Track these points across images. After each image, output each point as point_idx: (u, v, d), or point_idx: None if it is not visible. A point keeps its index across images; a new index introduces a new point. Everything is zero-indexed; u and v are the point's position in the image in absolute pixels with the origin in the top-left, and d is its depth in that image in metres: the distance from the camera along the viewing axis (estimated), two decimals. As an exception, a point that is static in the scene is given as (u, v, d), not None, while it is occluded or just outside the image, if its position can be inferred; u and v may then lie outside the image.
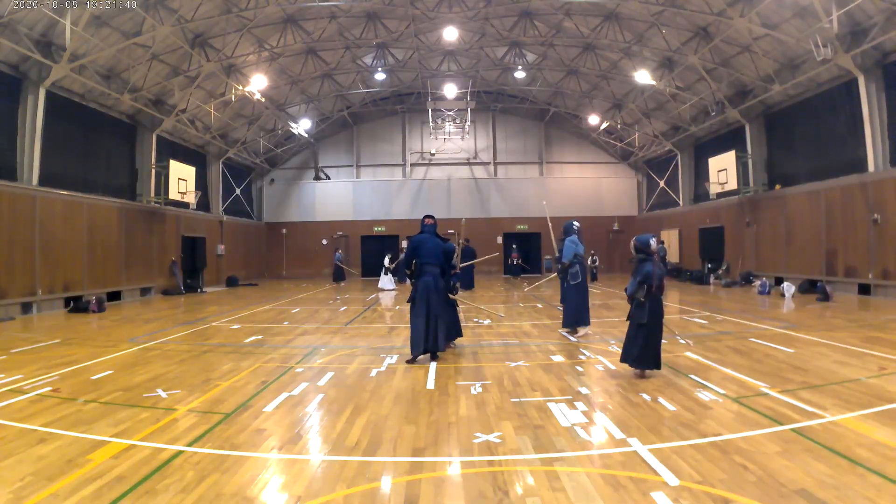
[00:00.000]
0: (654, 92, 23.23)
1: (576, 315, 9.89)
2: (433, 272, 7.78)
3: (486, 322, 11.85)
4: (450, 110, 28.47)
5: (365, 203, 30.80)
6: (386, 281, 21.65)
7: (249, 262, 29.04)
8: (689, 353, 7.79)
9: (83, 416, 5.30)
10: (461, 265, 18.83)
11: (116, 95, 17.50)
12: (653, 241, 6.52)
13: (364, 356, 8.05)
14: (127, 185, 19.57)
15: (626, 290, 6.60)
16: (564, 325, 10.14)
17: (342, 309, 15.18)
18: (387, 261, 22.11)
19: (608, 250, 30.73)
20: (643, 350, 6.38)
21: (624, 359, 6.58)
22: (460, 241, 17.01)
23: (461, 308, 12.84)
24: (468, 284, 20.54)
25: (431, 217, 8.22)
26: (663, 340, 6.69)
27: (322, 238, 30.74)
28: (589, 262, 22.28)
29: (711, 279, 21.97)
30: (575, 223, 10.21)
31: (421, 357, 7.76)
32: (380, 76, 25.76)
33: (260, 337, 10.33)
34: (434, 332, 7.65)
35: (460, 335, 8.87)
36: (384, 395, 6.07)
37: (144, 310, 15.55)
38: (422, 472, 3.96)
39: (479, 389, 6.18)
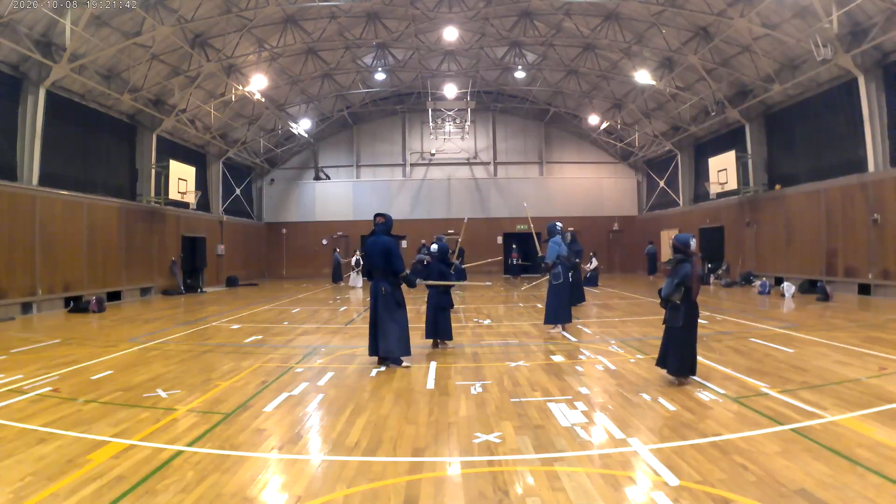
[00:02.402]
0: (654, 92, 23.24)
1: (555, 313, 10.09)
2: (377, 276, 7.61)
3: (487, 322, 11.85)
4: (450, 110, 28.47)
5: (365, 203, 30.75)
6: (356, 279, 23.26)
7: (249, 262, 29.03)
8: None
9: (83, 416, 5.29)
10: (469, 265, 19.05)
11: (116, 95, 17.50)
12: (693, 242, 6.18)
13: (364, 356, 8.04)
14: (127, 185, 19.57)
15: (659, 292, 6.29)
16: (546, 321, 10.32)
17: (342, 309, 15.18)
18: (354, 260, 23.58)
19: (608, 250, 30.76)
20: (683, 357, 6.09)
21: (660, 363, 6.29)
22: (458, 240, 17.49)
23: (459, 309, 12.87)
24: (460, 276, 21.08)
25: (382, 215, 7.73)
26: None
27: (322, 238, 30.75)
28: (590, 265, 22.01)
29: (711, 279, 21.96)
30: (558, 224, 10.42)
31: (406, 362, 7.57)
32: (380, 76, 25.76)
33: (260, 337, 10.33)
34: (373, 338, 7.51)
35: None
36: (384, 395, 6.07)
37: (144, 310, 15.55)
38: (422, 472, 3.96)
39: (479, 389, 6.18)
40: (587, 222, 29.87)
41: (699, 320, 6.42)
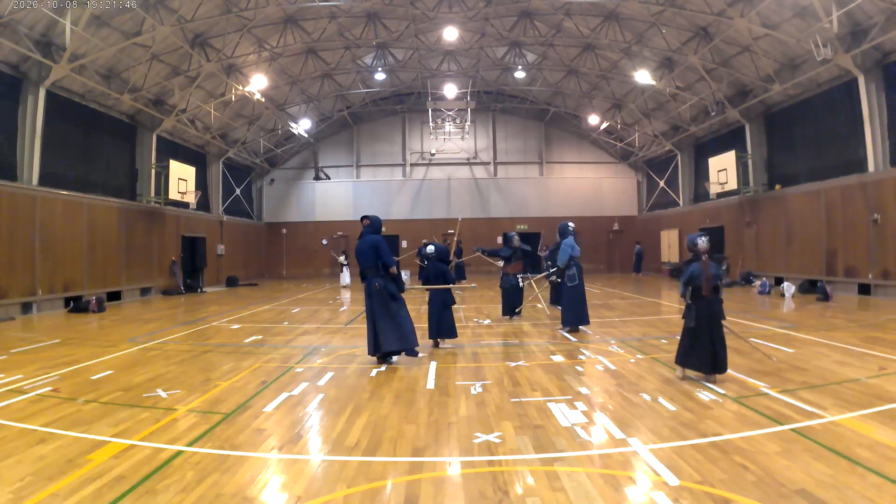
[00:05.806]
0: (654, 92, 23.23)
1: (577, 315, 10.11)
2: (369, 274, 7.74)
3: (487, 322, 11.85)
4: (450, 110, 28.45)
5: (365, 203, 30.70)
6: (344, 277, 23.42)
7: (249, 262, 29.03)
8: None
9: (83, 416, 5.29)
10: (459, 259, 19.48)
11: (116, 95, 17.49)
12: (700, 241, 6.23)
13: (364, 356, 8.04)
14: (127, 185, 19.56)
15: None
16: (565, 324, 10.29)
17: (342, 309, 15.18)
18: (342, 258, 23.90)
19: (608, 250, 30.78)
20: (687, 351, 6.25)
21: (678, 361, 6.47)
22: (455, 239, 17.81)
23: (459, 308, 12.89)
24: (460, 275, 21.58)
25: (367, 218, 7.95)
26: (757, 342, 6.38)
27: (322, 238, 30.75)
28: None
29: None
30: (570, 224, 10.29)
31: (396, 357, 7.78)
32: (380, 76, 25.75)
33: (260, 337, 10.33)
34: (373, 336, 7.61)
35: (416, 343, 7.86)
36: (384, 395, 6.06)
37: (144, 310, 15.54)
38: (422, 472, 3.96)
39: (479, 389, 6.18)
40: (587, 222, 29.79)
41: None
